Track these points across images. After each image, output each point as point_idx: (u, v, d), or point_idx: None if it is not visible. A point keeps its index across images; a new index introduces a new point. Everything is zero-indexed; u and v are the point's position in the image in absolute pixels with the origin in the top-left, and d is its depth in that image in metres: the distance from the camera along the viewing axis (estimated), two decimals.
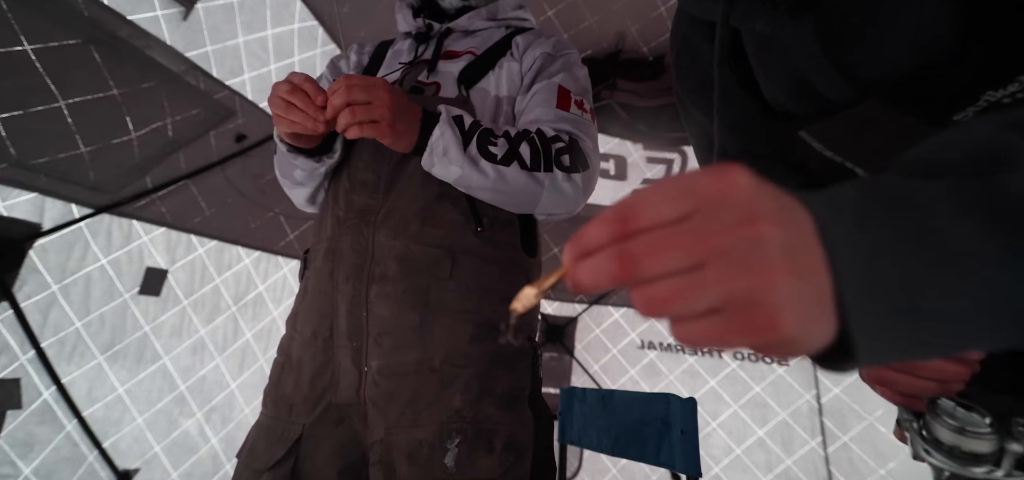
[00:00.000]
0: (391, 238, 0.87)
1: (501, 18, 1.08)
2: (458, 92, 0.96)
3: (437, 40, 1.06)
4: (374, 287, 0.85)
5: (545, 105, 0.94)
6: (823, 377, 2.75)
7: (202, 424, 1.92)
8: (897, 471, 2.45)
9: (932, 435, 0.50)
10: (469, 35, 1.07)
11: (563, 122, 0.92)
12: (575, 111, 0.95)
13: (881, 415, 2.56)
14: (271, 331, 2.22)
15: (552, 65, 0.99)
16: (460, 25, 1.06)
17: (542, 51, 1.01)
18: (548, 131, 0.90)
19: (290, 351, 0.92)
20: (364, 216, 0.89)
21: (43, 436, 1.44)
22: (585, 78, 1.03)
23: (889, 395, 0.53)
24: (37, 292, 1.44)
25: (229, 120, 1.82)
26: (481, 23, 1.07)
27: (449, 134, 0.83)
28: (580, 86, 1.00)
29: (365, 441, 0.83)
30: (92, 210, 1.57)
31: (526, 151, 0.86)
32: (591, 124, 0.97)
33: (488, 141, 0.85)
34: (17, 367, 1.40)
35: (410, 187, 0.89)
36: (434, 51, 1.03)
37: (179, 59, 1.56)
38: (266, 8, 1.81)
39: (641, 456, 1.45)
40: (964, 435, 0.47)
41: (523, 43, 1.03)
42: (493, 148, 0.85)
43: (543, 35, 1.06)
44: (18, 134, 1.29)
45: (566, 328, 3.06)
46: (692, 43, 0.67)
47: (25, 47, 1.23)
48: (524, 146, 0.87)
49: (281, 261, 2.26)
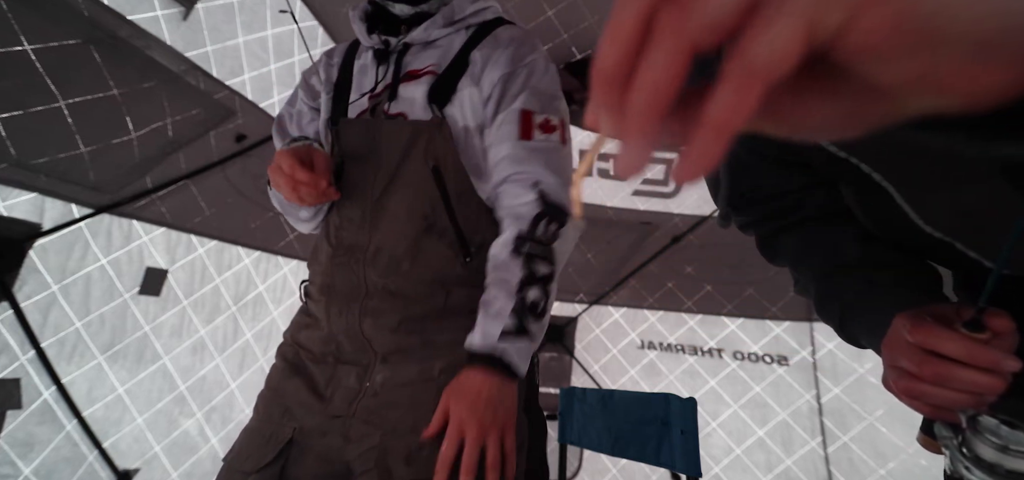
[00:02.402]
0: (382, 277, 0.88)
1: (459, 19, 0.99)
2: (433, 115, 0.92)
3: (395, 60, 0.98)
4: (367, 320, 0.87)
5: (509, 139, 0.89)
6: (823, 377, 2.76)
7: (202, 424, 1.92)
8: (897, 471, 2.45)
9: (973, 452, 0.49)
10: (429, 46, 0.99)
11: (529, 161, 0.88)
12: (539, 138, 0.89)
13: (881, 415, 2.56)
14: (271, 331, 2.22)
15: (512, 85, 0.92)
16: (417, 37, 0.97)
17: (500, 74, 0.92)
18: (525, 212, 0.86)
19: (296, 360, 0.94)
20: (353, 253, 0.91)
21: (43, 436, 1.44)
22: (549, 80, 0.95)
23: (921, 407, 0.52)
24: (37, 292, 1.44)
25: (229, 120, 1.82)
26: (438, 31, 0.98)
27: (521, 351, 0.81)
28: (544, 97, 0.93)
29: (346, 455, 0.84)
30: (92, 210, 1.57)
31: (532, 269, 0.83)
32: (559, 143, 0.91)
33: (529, 311, 0.82)
34: (17, 367, 1.40)
35: (395, 224, 0.89)
36: (393, 74, 0.97)
37: (179, 59, 1.56)
38: (266, 8, 1.81)
39: (641, 456, 1.45)
40: (1007, 453, 0.47)
41: (481, 60, 0.95)
42: (534, 309, 0.83)
43: (500, 42, 0.96)
44: (18, 134, 1.29)
45: (566, 328, 3.06)
46: None
47: (25, 47, 1.23)
48: (528, 270, 0.83)
49: (281, 261, 2.26)
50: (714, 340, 2.92)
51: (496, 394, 0.77)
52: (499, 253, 0.85)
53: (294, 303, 2.33)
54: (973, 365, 0.46)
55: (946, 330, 0.47)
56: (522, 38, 0.97)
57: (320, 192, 0.86)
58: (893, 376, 0.52)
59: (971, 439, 0.50)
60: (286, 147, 0.91)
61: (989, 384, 0.46)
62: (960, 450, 0.51)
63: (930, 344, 0.47)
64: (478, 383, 0.77)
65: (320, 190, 0.85)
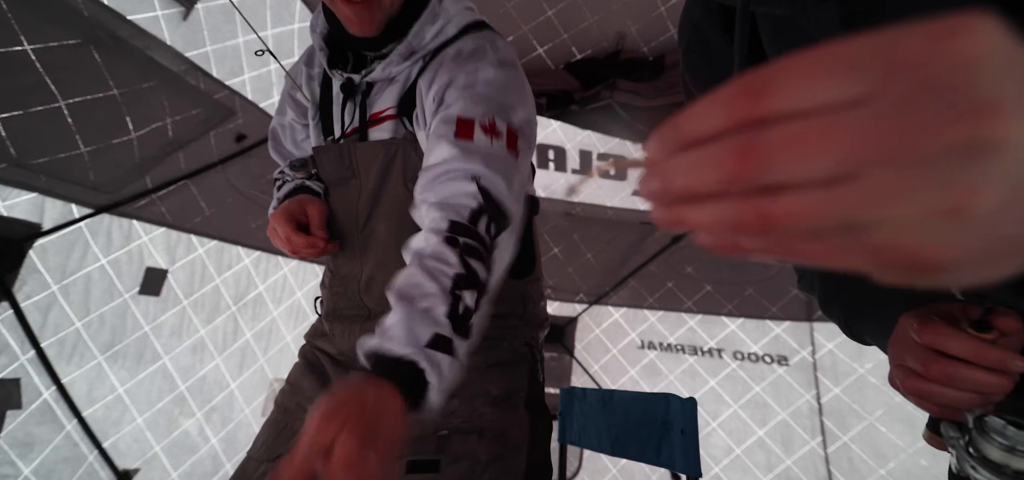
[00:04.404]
0: (378, 305, 0.90)
1: (418, 50, 0.87)
2: (405, 130, 0.87)
3: (359, 104, 0.90)
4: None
5: (444, 140, 0.75)
6: (823, 377, 2.76)
7: (202, 424, 1.92)
8: (897, 471, 2.45)
9: (979, 452, 0.50)
10: (389, 83, 0.90)
11: (467, 158, 0.73)
12: (481, 138, 0.75)
13: (881, 415, 2.56)
14: (271, 331, 2.22)
15: (449, 93, 0.80)
16: (377, 77, 0.89)
17: (436, 89, 0.82)
18: (463, 203, 0.70)
19: (314, 360, 0.98)
20: (347, 283, 0.93)
21: (43, 436, 1.44)
22: (500, 87, 0.81)
23: (927, 406, 0.52)
24: (37, 292, 1.44)
25: (229, 120, 1.82)
26: (396, 68, 0.88)
27: (445, 372, 0.62)
28: (490, 103, 0.79)
29: None
30: (92, 210, 1.57)
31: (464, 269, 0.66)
32: (504, 150, 0.76)
33: (462, 320, 0.64)
34: (17, 367, 1.40)
35: (385, 253, 0.89)
36: (360, 119, 0.90)
37: (179, 59, 1.56)
38: (266, 8, 1.80)
39: (641, 456, 1.45)
40: (1014, 454, 0.47)
41: (424, 89, 0.85)
42: (464, 325, 0.65)
43: (443, 62, 0.84)
44: (18, 134, 1.29)
45: (566, 328, 3.06)
46: (704, 33, 0.64)
47: (25, 47, 1.23)
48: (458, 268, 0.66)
49: (281, 261, 2.26)
50: (714, 340, 2.92)
51: (391, 413, 0.55)
52: (425, 242, 0.68)
53: (294, 303, 2.34)
54: (980, 365, 0.46)
55: (953, 330, 0.47)
56: (470, 51, 0.84)
57: (319, 251, 0.89)
58: (900, 375, 0.52)
59: (978, 439, 0.50)
60: (278, 201, 0.94)
61: (996, 383, 0.47)
62: (967, 450, 0.51)
63: (937, 344, 0.48)
64: (372, 392, 0.55)
65: (319, 250, 0.89)
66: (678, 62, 0.71)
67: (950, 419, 0.54)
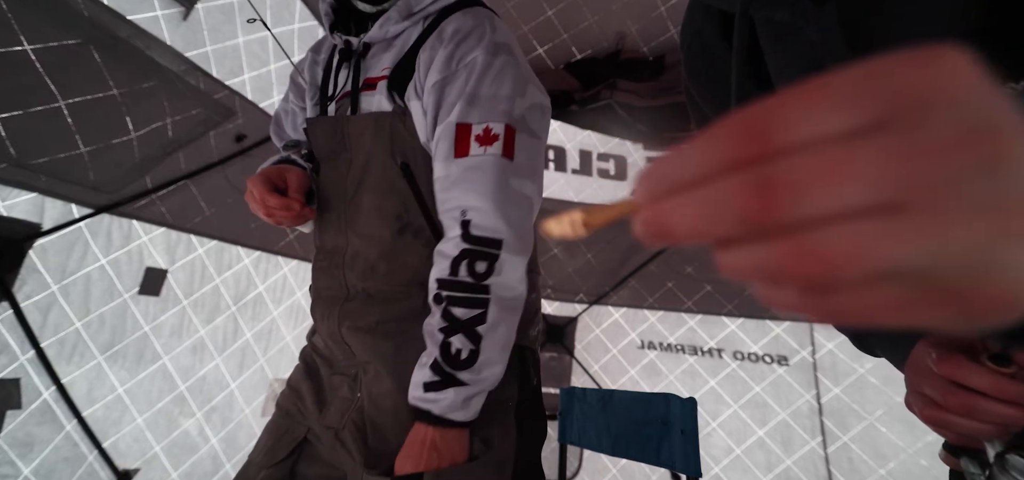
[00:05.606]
0: (361, 281, 0.87)
1: (417, 11, 0.89)
2: (395, 105, 0.87)
3: (354, 67, 0.92)
4: (346, 323, 0.87)
5: (442, 159, 0.82)
6: (823, 377, 2.76)
7: (202, 424, 1.92)
8: (897, 471, 2.45)
9: None
10: (388, 47, 0.91)
11: (458, 185, 0.79)
12: (476, 151, 0.79)
13: (881, 415, 2.56)
14: (271, 331, 2.22)
15: (448, 94, 0.83)
16: (375, 37, 0.91)
17: (435, 81, 0.84)
18: (447, 251, 0.79)
19: (311, 362, 0.97)
20: (333, 257, 0.91)
21: (43, 436, 1.44)
22: (494, 79, 0.83)
23: (946, 434, 0.53)
24: (37, 292, 1.44)
25: (229, 120, 1.82)
26: (395, 27, 0.90)
27: (452, 402, 0.76)
28: (485, 102, 0.82)
29: (343, 465, 0.85)
30: (92, 210, 1.57)
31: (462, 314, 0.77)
32: (498, 155, 0.80)
33: (454, 360, 0.76)
34: (17, 367, 1.40)
35: (370, 226, 0.87)
36: (353, 82, 0.91)
37: (179, 59, 1.56)
38: (266, 8, 1.80)
39: (641, 456, 1.45)
40: None
41: (424, 64, 0.86)
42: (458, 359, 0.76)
43: (444, 38, 0.86)
44: (18, 134, 1.29)
45: (566, 328, 3.06)
46: (705, 38, 0.64)
47: (25, 47, 1.23)
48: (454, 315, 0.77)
49: (281, 261, 2.26)
50: (714, 340, 2.92)
51: (439, 441, 0.75)
52: (429, 293, 0.81)
53: (294, 303, 2.34)
54: (1000, 398, 0.47)
55: (973, 364, 0.47)
56: (468, 30, 0.85)
57: (294, 214, 0.86)
58: (918, 403, 0.53)
59: (998, 475, 0.50)
60: (266, 166, 0.93)
61: (1015, 416, 0.47)
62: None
63: (957, 377, 0.48)
64: (421, 434, 0.75)
65: (294, 213, 0.86)
66: (679, 62, 0.70)
67: (968, 447, 0.54)
